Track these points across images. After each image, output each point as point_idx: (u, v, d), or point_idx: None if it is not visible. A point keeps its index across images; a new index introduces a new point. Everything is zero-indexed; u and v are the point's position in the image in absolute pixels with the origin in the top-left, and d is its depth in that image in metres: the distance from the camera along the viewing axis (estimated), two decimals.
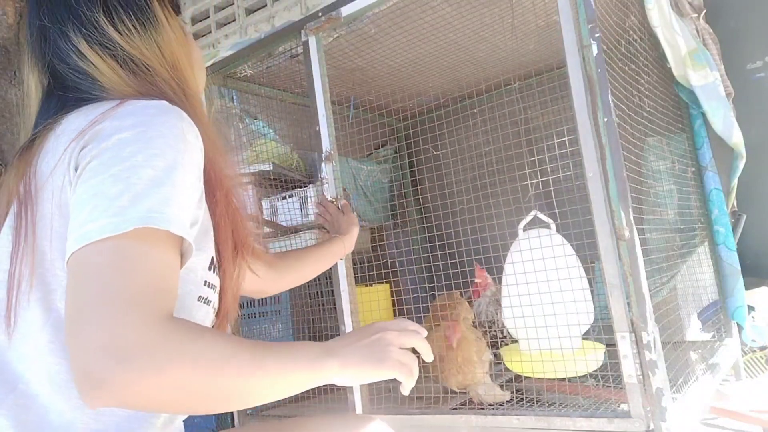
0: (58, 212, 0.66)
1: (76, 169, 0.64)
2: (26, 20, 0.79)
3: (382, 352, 0.72)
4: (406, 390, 0.76)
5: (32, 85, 0.79)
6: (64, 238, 0.62)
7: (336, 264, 1.47)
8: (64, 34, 0.74)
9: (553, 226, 1.37)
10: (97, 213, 0.58)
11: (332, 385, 1.58)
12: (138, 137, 0.63)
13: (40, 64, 0.76)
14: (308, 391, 0.69)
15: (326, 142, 1.48)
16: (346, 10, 1.43)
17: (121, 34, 0.73)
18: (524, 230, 1.40)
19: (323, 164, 1.48)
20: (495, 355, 1.60)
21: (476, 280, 1.79)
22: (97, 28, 0.73)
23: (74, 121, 0.69)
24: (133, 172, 0.60)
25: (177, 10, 0.84)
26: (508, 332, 1.52)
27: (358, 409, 1.43)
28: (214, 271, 0.79)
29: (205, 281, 0.76)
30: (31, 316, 0.66)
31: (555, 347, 1.28)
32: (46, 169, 0.68)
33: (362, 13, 1.43)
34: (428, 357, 0.80)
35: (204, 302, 0.77)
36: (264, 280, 1.16)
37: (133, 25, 0.74)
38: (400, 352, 0.73)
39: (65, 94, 0.74)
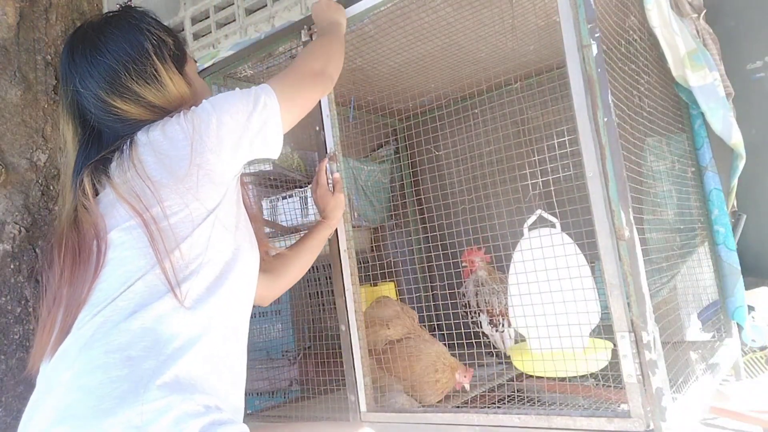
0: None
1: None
2: (60, 84, 1.11)
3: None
4: None
5: (69, 136, 1.08)
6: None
7: (337, 264, 1.47)
8: (99, 96, 1.03)
9: (558, 225, 1.37)
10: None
11: (333, 384, 1.58)
12: None
13: (75, 119, 1.07)
14: (308, 391, 0.74)
15: (330, 143, 1.48)
16: (349, 11, 1.43)
17: (141, 89, 1.04)
18: (529, 230, 1.40)
19: (327, 165, 1.48)
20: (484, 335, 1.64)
21: (463, 264, 1.80)
22: (126, 89, 1.04)
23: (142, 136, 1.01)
24: None
25: (180, 60, 1.14)
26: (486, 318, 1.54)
27: (362, 407, 1.43)
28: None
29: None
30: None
31: (565, 346, 1.28)
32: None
33: (364, 15, 1.43)
34: None
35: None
36: (262, 287, 1.20)
37: (145, 83, 1.05)
38: None
39: (100, 139, 1.05)
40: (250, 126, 1.02)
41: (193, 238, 0.94)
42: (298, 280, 1.39)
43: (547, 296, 1.31)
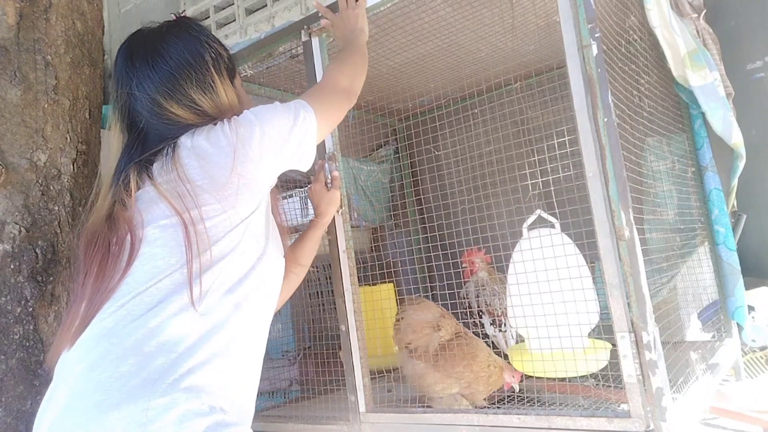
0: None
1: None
2: (114, 86, 1.13)
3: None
4: None
5: (114, 138, 1.12)
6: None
7: (337, 264, 1.47)
8: (155, 100, 1.07)
9: (557, 225, 1.37)
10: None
11: (333, 384, 1.58)
12: None
13: (123, 122, 1.10)
14: (308, 391, 0.74)
15: (329, 143, 1.48)
16: None
17: (198, 96, 1.08)
18: (528, 230, 1.40)
19: (326, 164, 1.48)
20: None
21: (463, 265, 1.79)
22: (184, 96, 1.08)
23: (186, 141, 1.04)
24: None
25: (232, 73, 1.19)
26: (489, 319, 1.53)
27: (362, 408, 1.43)
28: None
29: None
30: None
31: (563, 346, 1.28)
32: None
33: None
34: None
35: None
36: None
37: (202, 91, 1.09)
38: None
39: (146, 141, 1.08)
40: (291, 139, 1.06)
41: (223, 242, 0.96)
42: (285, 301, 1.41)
43: (546, 296, 1.31)
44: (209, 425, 0.82)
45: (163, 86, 1.07)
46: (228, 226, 0.98)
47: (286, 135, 1.05)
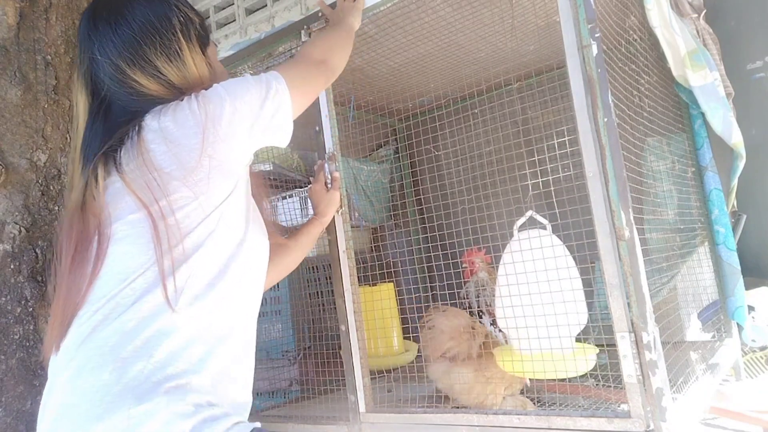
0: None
1: None
2: (78, 52, 1.06)
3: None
4: None
5: (81, 107, 1.04)
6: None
7: (337, 264, 1.47)
8: (118, 66, 1.00)
9: (548, 227, 1.37)
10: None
11: (333, 384, 1.58)
12: None
13: (87, 88, 1.03)
14: (308, 391, 0.74)
15: (329, 143, 1.48)
16: None
17: (162, 64, 1.01)
18: (519, 231, 1.40)
19: (326, 164, 1.48)
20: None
21: (463, 265, 1.79)
22: (148, 63, 1.00)
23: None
24: None
25: (204, 41, 1.11)
26: (489, 320, 1.52)
27: (362, 408, 1.43)
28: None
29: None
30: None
31: (546, 348, 1.27)
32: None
33: (364, 15, 1.43)
34: None
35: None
36: None
37: (168, 59, 1.02)
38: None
39: (108, 113, 1.01)
40: (263, 113, 1.00)
41: (197, 233, 0.92)
42: (288, 274, 1.39)
43: (529, 298, 1.30)
44: (195, 425, 0.80)
45: (125, 51, 0.99)
46: (201, 215, 0.93)
47: (257, 109, 0.99)
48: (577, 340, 1.34)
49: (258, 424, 0.88)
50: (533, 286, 1.28)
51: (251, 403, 1.01)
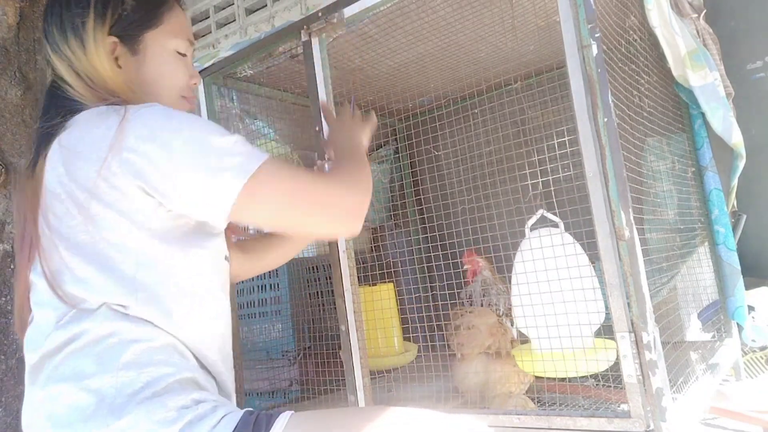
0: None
1: None
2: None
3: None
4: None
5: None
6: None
7: (337, 265, 1.47)
8: (57, 47, 0.90)
9: (561, 225, 1.37)
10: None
11: (333, 384, 1.58)
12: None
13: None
14: (308, 391, 0.73)
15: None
16: (349, 11, 1.42)
17: (59, 36, 0.90)
18: (531, 230, 1.40)
19: (326, 165, 1.48)
20: None
21: (465, 266, 1.79)
22: (61, 48, 0.89)
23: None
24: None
25: (133, 29, 0.93)
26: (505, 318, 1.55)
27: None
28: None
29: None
30: None
31: (568, 346, 1.27)
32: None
33: (364, 15, 1.43)
34: None
35: (227, 260, 1.01)
36: (236, 266, 1.21)
37: (72, 33, 0.89)
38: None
39: (56, 95, 0.91)
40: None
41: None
42: (277, 267, 1.38)
43: (550, 296, 1.30)
44: (181, 428, 0.76)
45: (51, 21, 0.90)
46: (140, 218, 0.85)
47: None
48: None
49: (250, 409, 0.85)
50: (554, 284, 1.28)
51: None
